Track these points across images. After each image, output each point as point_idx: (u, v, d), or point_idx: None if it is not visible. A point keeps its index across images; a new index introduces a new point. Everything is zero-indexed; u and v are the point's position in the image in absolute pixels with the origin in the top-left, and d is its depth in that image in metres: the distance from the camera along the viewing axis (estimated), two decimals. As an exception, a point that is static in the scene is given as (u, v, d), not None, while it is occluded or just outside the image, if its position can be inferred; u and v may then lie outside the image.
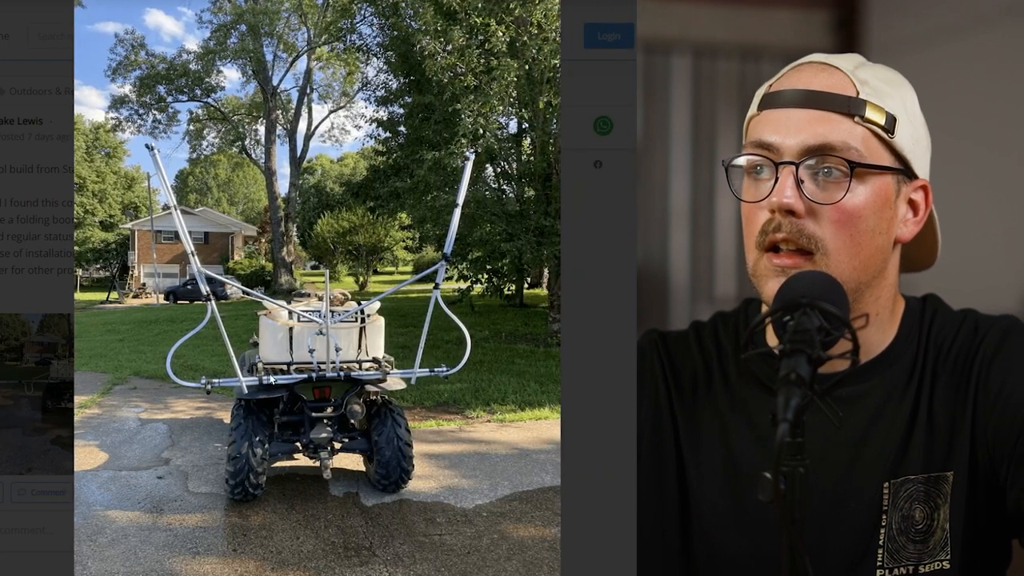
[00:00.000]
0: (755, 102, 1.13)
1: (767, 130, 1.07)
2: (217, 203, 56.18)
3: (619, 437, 1.26)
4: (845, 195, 1.03)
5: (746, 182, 1.10)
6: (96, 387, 9.18)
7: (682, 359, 1.22)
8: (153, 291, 31.90)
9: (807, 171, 1.03)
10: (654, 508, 1.19)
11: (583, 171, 1.29)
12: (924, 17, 1.75)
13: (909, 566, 1.07)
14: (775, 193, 1.04)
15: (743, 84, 1.82)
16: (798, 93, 1.06)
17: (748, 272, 1.11)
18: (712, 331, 1.23)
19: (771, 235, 1.05)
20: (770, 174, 1.06)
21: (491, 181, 14.99)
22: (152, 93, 33.47)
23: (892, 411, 1.09)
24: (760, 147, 1.07)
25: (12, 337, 1.53)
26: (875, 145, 1.05)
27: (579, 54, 1.29)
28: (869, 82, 1.07)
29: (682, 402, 1.19)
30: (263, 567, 3.87)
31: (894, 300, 1.14)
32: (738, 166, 1.10)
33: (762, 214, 1.06)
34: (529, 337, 13.53)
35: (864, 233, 1.04)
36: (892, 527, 1.07)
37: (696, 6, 1.80)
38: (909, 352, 1.12)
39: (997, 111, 1.67)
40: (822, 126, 1.04)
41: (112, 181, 44.83)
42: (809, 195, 1.03)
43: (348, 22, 21.53)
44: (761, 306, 1.19)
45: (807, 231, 1.03)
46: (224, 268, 35.14)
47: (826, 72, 1.08)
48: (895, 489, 1.07)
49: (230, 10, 32.62)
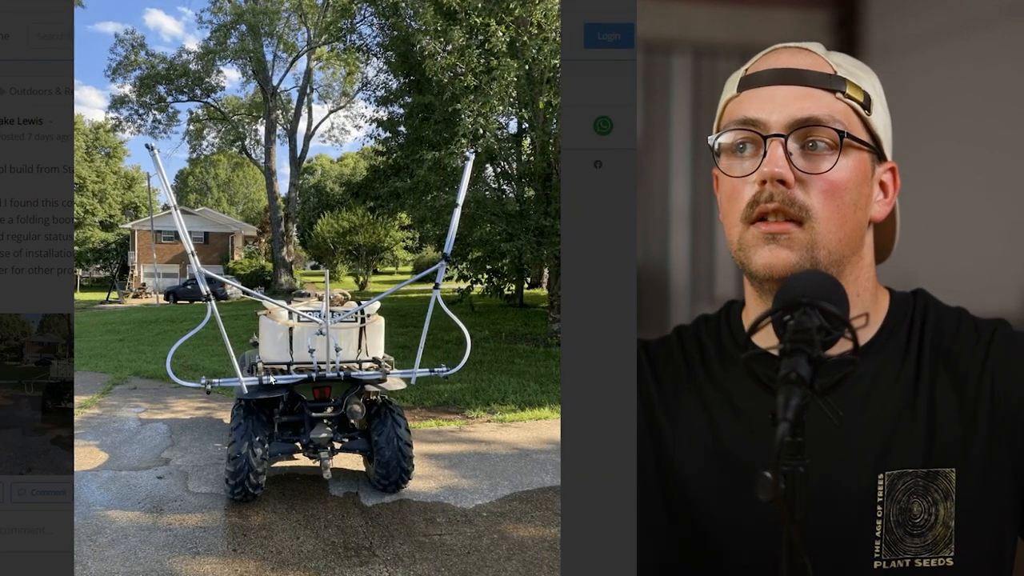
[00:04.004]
0: (731, 85, 1.15)
1: (752, 108, 1.09)
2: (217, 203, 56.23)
3: (619, 437, 1.26)
4: (834, 166, 1.05)
5: (728, 161, 1.12)
6: (96, 387, 9.19)
7: (664, 364, 1.23)
8: (153, 291, 31.92)
9: (795, 143, 1.06)
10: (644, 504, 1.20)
11: (583, 171, 1.29)
12: (924, 17, 1.75)
13: (907, 559, 1.07)
14: (766, 164, 1.05)
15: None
16: (780, 71, 1.09)
17: (732, 249, 1.12)
18: (695, 333, 1.24)
19: (762, 205, 1.06)
20: (754, 150, 1.08)
21: (491, 181, 15.00)
22: (152, 93, 33.50)
23: (880, 401, 1.09)
24: (745, 123, 1.09)
25: (12, 337, 1.53)
26: (855, 121, 1.08)
27: (579, 54, 1.30)
28: (843, 64, 1.11)
29: (665, 404, 1.20)
30: (263, 567, 3.87)
31: (875, 287, 1.14)
32: (721, 144, 1.12)
33: (749, 188, 1.08)
34: (529, 337, 13.53)
35: (848, 206, 1.07)
36: (889, 519, 1.07)
37: (696, 6, 1.80)
38: (897, 343, 1.12)
39: (997, 111, 1.67)
40: (807, 100, 1.07)
41: (112, 181, 44.88)
42: (798, 167, 1.05)
43: (348, 22, 21.54)
44: (744, 306, 1.19)
45: (798, 200, 1.05)
46: (224, 268, 35.17)
47: (802, 53, 1.11)
48: (891, 481, 1.07)
49: (230, 10, 32.64)
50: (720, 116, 1.16)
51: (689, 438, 1.17)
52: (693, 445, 1.16)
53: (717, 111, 1.18)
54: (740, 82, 1.13)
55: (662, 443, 1.18)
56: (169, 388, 9.00)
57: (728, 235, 1.12)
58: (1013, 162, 1.64)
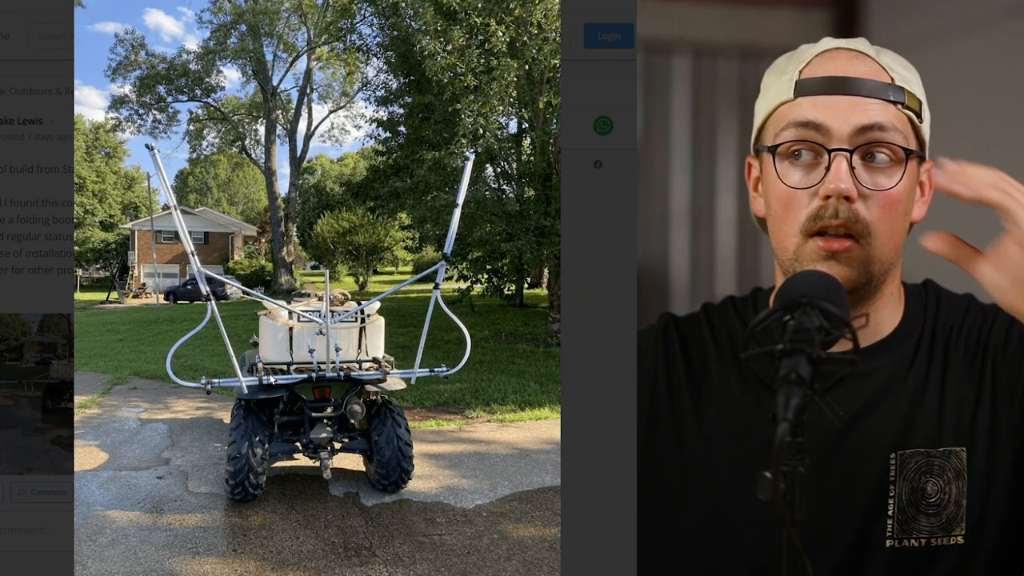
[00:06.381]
0: (783, 86, 1.11)
1: (812, 112, 1.07)
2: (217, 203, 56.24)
3: (619, 437, 1.26)
4: (898, 183, 1.05)
5: (782, 166, 1.10)
6: (96, 387, 9.19)
7: (693, 341, 1.23)
8: (153, 291, 31.91)
9: (858, 157, 1.05)
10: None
11: (583, 171, 1.29)
12: (924, 17, 1.75)
13: (921, 538, 1.08)
14: (831, 179, 1.04)
15: (743, 84, 1.82)
16: (839, 80, 1.07)
17: (784, 257, 1.10)
18: (722, 315, 1.25)
19: (825, 220, 1.06)
20: (813, 159, 1.07)
21: (491, 181, 15.00)
22: (152, 93, 33.48)
23: (899, 387, 1.11)
24: (806, 127, 1.07)
25: (12, 337, 1.53)
26: (910, 131, 1.08)
27: (579, 54, 1.29)
28: (895, 68, 1.09)
29: (691, 382, 1.20)
30: (263, 567, 3.87)
31: (899, 283, 1.17)
32: (775, 148, 1.10)
33: (808, 199, 1.07)
34: (529, 337, 13.53)
35: (899, 216, 1.08)
36: (902, 498, 1.08)
37: (696, 6, 1.80)
38: (915, 332, 1.15)
39: (997, 111, 1.67)
40: (871, 111, 1.06)
41: (112, 181, 44.89)
42: (861, 181, 1.05)
43: (348, 22, 21.52)
44: (770, 295, 1.20)
45: (861, 216, 1.05)
46: (224, 268, 35.17)
47: (859, 59, 1.09)
48: (903, 461, 1.09)
49: (230, 10, 32.64)
50: (769, 117, 1.13)
51: (712, 423, 1.17)
52: (718, 427, 1.17)
53: (764, 110, 1.15)
54: (796, 86, 1.10)
55: (683, 420, 1.19)
56: (169, 388, 8.99)
57: (780, 242, 1.11)
58: (1013, 162, 1.64)
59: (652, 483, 1.20)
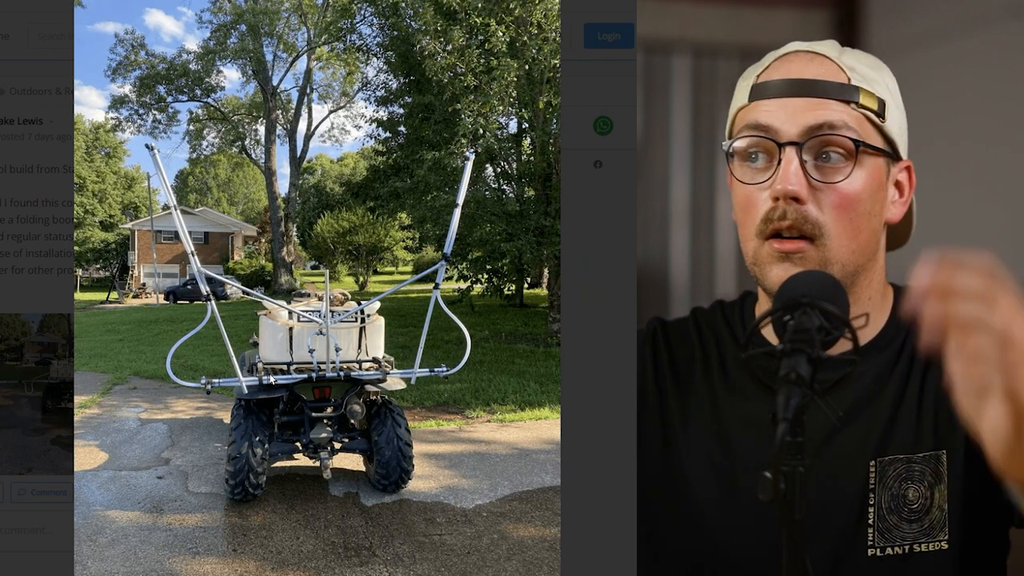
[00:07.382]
0: (742, 93, 1.14)
1: (764, 116, 1.08)
2: (217, 203, 56.25)
3: (619, 437, 1.26)
4: (847, 177, 1.05)
5: (740, 168, 1.11)
6: (96, 387, 9.19)
7: (679, 345, 1.23)
8: (153, 291, 31.91)
9: (809, 154, 1.05)
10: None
11: (583, 171, 1.29)
12: (924, 17, 1.75)
13: (904, 545, 1.07)
14: (779, 180, 1.05)
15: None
16: (792, 82, 1.08)
17: (747, 261, 1.12)
18: (710, 319, 1.25)
19: (775, 223, 1.06)
20: (767, 161, 1.08)
21: (491, 181, 15.00)
22: (152, 93, 33.49)
23: (879, 394, 1.11)
24: (758, 129, 1.08)
25: (12, 337, 1.53)
26: (869, 129, 1.08)
27: (579, 54, 1.30)
28: (856, 68, 1.09)
29: (677, 386, 1.20)
30: (263, 567, 3.87)
31: (884, 285, 1.16)
32: (735, 149, 1.12)
33: (762, 202, 1.08)
34: (529, 337, 13.53)
35: (861, 216, 1.07)
36: (882, 506, 1.07)
37: (696, 6, 1.80)
38: (898, 337, 1.13)
39: (997, 111, 1.67)
40: (821, 110, 1.06)
41: (112, 181, 44.90)
42: (812, 176, 1.05)
43: (348, 22, 21.52)
44: (758, 300, 1.20)
45: (811, 217, 1.05)
46: (224, 268, 35.17)
47: (816, 61, 1.10)
48: (882, 468, 1.08)
49: (230, 10, 32.64)
50: (732, 122, 1.16)
51: (696, 428, 1.17)
52: (699, 433, 1.17)
53: (729, 117, 1.17)
54: (752, 90, 1.12)
55: (669, 425, 1.19)
56: (169, 388, 9.00)
57: (743, 246, 1.12)
58: (1013, 161, 1.65)
59: (650, 483, 1.20)
